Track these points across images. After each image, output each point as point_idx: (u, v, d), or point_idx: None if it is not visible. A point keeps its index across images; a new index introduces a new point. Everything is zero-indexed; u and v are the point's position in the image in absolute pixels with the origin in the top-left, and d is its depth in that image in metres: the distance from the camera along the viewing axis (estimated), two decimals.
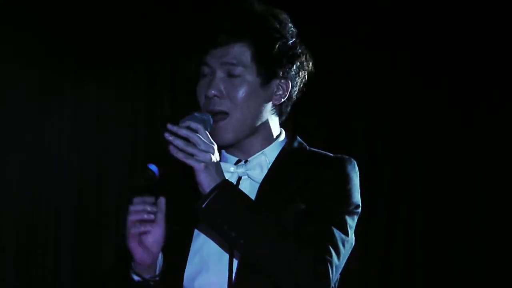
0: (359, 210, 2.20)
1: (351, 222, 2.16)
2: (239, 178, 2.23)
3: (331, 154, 2.25)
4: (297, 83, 2.27)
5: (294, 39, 2.24)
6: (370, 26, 4.78)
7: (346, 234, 2.13)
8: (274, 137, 2.27)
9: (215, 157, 2.06)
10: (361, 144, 4.80)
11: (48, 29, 4.69)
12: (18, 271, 4.62)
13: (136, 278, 2.14)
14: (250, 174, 2.22)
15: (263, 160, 2.23)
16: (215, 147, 2.07)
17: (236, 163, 2.25)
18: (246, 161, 2.24)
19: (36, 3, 4.68)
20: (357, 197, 2.19)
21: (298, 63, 2.25)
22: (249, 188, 2.20)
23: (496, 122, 4.83)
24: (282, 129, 2.32)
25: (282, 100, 2.24)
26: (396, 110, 4.87)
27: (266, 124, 2.25)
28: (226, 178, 2.12)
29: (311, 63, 2.30)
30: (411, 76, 4.86)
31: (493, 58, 4.82)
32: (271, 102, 2.24)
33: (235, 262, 2.13)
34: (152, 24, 4.73)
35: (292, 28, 2.25)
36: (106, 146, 4.71)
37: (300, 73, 2.27)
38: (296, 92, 2.29)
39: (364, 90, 4.85)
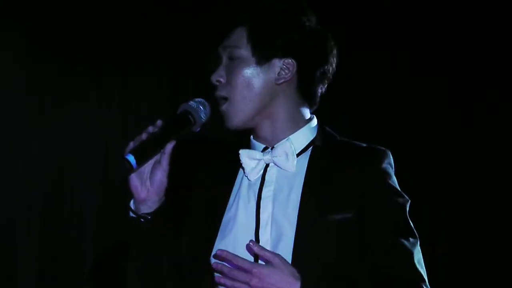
0: (408, 200, 2.18)
1: (409, 218, 2.16)
2: (267, 165, 2.21)
3: (364, 145, 2.23)
4: (309, 63, 2.22)
5: (301, 20, 2.21)
6: (377, 27, 4.82)
7: (415, 236, 2.14)
8: (300, 122, 2.24)
9: None
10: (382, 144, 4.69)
11: (63, 28, 4.73)
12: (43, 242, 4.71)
13: (130, 214, 2.19)
14: (276, 161, 2.20)
15: (288, 147, 2.19)
16: None
17: (264, 150, 2.23)
18: (272, 148, 2.21)
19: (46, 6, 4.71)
20: (400, 192, 2.17)
21: (305, 43, 2.20)
22: (276, 174, 2.19)
23: None
24: (313, 115, 2.29)
25: (287, 79, 2.20)
26: (420, 110, 4.87)
27: (280, 107, 2.22)
28: (253, 165, 2.18)
29: (329, 46, 2.25)
30: (433, 77, 4.87)
31: None
32: (274, 83, 2.20)
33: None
34: (173, 26, 4.78)
35: (300, 12, 2.23)
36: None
37: (312, 53, 2.22)
38: (318, 75, 2.24)
39: (381, 91, 4.86)
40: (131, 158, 2.04)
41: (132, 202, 2.20)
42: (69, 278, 4.70)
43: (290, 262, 2.05)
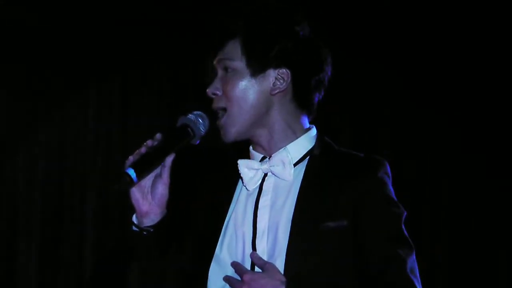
0: (404, 211, 2.19)
1: (405, 229, 2.16)
2: (265, 175, 2.23)
3: (361, 155, 2.23)
4: (304, 72, 2.23)
5: (294, 30, 2.22)
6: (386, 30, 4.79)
7: (410, 246, 2.14)
8: (297, 132, 2.25)
9: None
10: (382, 146, 4.69)
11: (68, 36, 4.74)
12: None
13: (133, 228, 2.21)
14: (273, 170, 2.22)
15: (284, 156, 2.21)
16: None
17: (262, 159, 2.25)
18: (270, 157, 2.23)
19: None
20: (396, 202, 2.18)
21: (299, 52, 2.21)
22: (274, 184, 2.22)
23: None
24: (312, 125, 2.30)
25: (282, 89, 2.21)
26: (420, 114, 4.86)
27: (276, 117, 2.23)
28: (251, 175, 2.20)
29: (323, 54, 2.26)
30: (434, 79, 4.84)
31: None
32: (269, 93, 2.21)
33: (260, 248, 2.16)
34: (174, 34, 4.78)
35: (293, 21, 2.23)
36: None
37: (306, 62, 2.23)
38: (313, 83, 2.24)
39: (381, 96, 4.84)
40: (131, 172, 2.05)
41: (134, 216, 2.23)
42: (68, 286, 4.71)
43: (283, 270, 2.09)
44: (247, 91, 2.19)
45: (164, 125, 2.20)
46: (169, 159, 2.17)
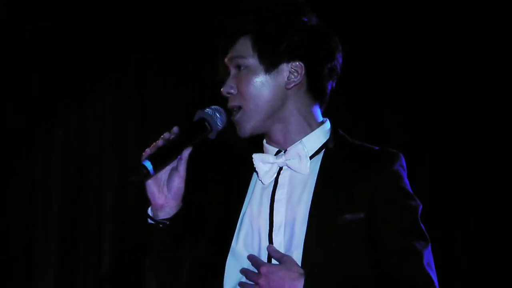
0: (420, 204, 2.19)
1: (420, 221, 2.16)
2: (280, 169, 2.24)
3: (376, 148, 2.24)
4: (316, 62, 2.24)
5: (302, 21, 2.22)
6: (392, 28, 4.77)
7: (426, 239, 2.14)
8: (312, 125, 2.26)
9: None
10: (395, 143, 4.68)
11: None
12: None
13: (149, 220, 2.22)
14: (289, 164, 2.23)
15: (300, 150, 2.22)
16: None
17: (277, 153, 2.25)
18: (285, 151, 2.24)
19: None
20: (412, 195, 2.18)
21: (309, 43, 2.21)
22: (289, 177, 2.22)
23: None
24: (326, 118, 2.31)
25: (297, 82, 2.22)
26: (435, 112, 4.84)
27: (292, 110, 2.24)
28: (267, 169, 2.21)
29: (333, 41, 2.26)
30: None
31: None
32: (285, 87, 2.22)
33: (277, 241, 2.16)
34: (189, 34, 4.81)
35: (299, 13, 2.24)
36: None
37: (318, 52, 2.23)
38: (327, 72, 2.25)
39: (394, 93, 4.84)
40: (148, 164, 2.06)
41: (150, 209, 2.24)
42: (86, 281, 4.73)
43: (301, 263, 2.10)
44: (262, 88, 2.20)
45: (182, 119, 2.20)
46: (185, 153, 2.18)
